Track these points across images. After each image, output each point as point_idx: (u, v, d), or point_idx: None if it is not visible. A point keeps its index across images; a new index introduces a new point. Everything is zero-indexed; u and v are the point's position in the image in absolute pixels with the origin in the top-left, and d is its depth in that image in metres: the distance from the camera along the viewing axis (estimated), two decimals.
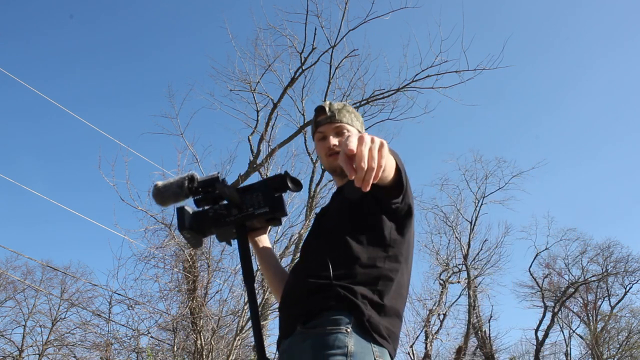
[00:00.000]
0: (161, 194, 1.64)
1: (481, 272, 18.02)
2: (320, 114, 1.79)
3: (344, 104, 1.81)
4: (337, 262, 1.52)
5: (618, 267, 21.54)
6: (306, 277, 1.55)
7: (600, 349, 20.82)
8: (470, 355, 18.41)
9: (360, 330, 1.41)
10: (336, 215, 1.66)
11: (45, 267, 16.07)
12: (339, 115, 1.76)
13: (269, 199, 1.65)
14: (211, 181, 1.67)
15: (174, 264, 8.12)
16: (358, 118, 1.83)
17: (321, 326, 1.43)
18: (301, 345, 1.44)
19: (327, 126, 1.76)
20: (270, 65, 10.30)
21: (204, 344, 7.32)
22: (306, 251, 1.69)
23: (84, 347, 15.36)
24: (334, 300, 1.45)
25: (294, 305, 1.55)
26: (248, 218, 1.65)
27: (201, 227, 1.65)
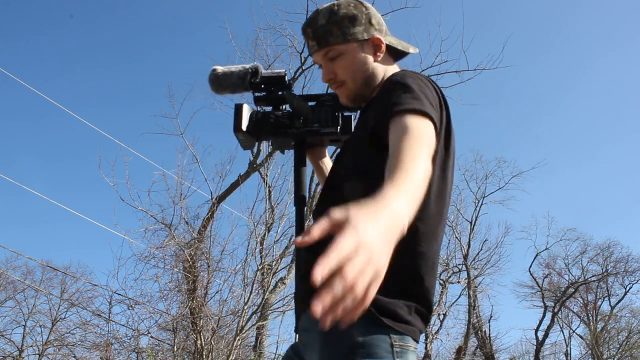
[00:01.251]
0: (219, 81, 1.54)
1: (481, 272, 18.04)
2: (306, 39, 1.43)
3: (330, 9, 1.39)
4: None
5: (618, 267, 21.55)
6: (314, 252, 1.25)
7: (600, 349, 20.82)
8: (470, 355, 18.42)
9: (367, 318, 1.04)
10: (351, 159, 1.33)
11: (45, 267, 16.08)
12: (325, 37, 1.36)
13: (338, 118, 1.50)
14: (277, 79, 1.55)
15: (174, 264, 8.13)
16: (355, 20, 1.38)
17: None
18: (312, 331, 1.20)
19: (316, 55, 1.40)
20: (270, 65, 10.29)
21: (204, 344, 7.32)
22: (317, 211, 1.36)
23: (84, 347, 15.37)
24: None
25: (304, 281, 1.26)
26: (312, 134, 1.51)
27: (259, 132, 1.52)
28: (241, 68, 1.53)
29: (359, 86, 1.38)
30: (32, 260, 18.28)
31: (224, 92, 1.54)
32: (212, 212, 8.34)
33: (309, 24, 1.40)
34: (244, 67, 1.54)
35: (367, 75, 1.37)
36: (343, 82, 1.38)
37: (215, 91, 1.53)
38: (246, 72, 1.52)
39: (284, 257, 8.53)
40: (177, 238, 7.77)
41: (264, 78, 1.53)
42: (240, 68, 1.53)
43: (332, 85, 1.41)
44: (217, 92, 1.54)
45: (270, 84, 1.54)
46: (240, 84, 1.52)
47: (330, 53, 1.37)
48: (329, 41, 1.36)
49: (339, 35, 1.36)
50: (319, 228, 0.67)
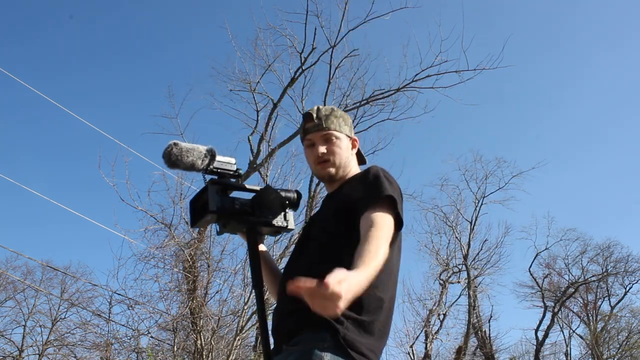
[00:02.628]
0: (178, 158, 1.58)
1: (481, 272, 18.01)
2: (308, 121, 1.76)
3: (332, 109, 1.80)
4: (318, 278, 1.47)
5: (618, 267, 21.56)
6: (287, 298, 1.49)
7: (600, 349, 20.82)
8: (470, 355, 18.42)
9: (337, 348, 1.44)
10: (321, 226, 1.68)
11: (45, 267, 16.09)
12: (327, 122, 1.74)
13: (286, 215, 1.75)
14: (230, 166, 1.68)
15: (174, 264, 8.13)
16: (347, 122, 1.81)
17: (301, 343, 1.48)
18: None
19: (315, 134, 1.75)
20: (270, 65, 10.27)
21: (204, 344, 7.33)
22: (291, 266, 1.70)
23: (84, 347, 15.37)
24: (312, 320, 1.43)
25: (279, 326, 1.61)
26: (266, 225, 1.69)
27: (227, 215, 1.63)
28: (200, 149, 1.60)
29: (338, 167, 1.75)
30: (32, 260, 18.29)
31: (178, 168, 1.59)
32: None
33: (314, 111, 1.78)
34: (202, 148, 1.61)
35: (345, 162, 1.77)
36: (329, 160, 1.74)
37: (170, 165, 1.58)
38: (205, 154, 1.60)
39: (283, 257, 8.53)
40: (177, 238, 7.77)
41: (218, 163, 1.65)
42: (200, 149, 1.60)
43: (320, 159, 1.73)
44: (172, 166, 1.58)
45: (222, 169, 1.66)
46: (198, 165, 1.60)
47: (327, 135, 1.74)
48: (330, 126, 1.75)
49: (337, 125, 1.76)
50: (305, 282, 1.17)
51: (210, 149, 1.62)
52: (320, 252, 1.60)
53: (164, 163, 1.57)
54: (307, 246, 1.68)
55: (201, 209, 1.64)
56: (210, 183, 1.63)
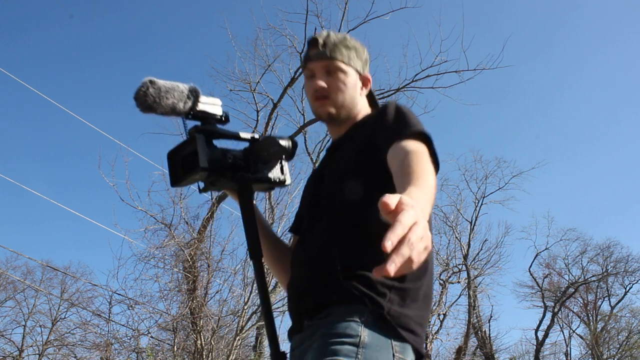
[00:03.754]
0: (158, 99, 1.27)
1: (481, 272, 18.02)
2: (312, 47, 1.47)
3: (344, 37, 1.49)
4: (345, 246, 1.27)
5: (618, 267, 21.56)
6: (308, 268, 1.33)
7: (600, 349, 20.82)
8: (470, 355, 18.41)
9: (378, 324, 1.18)
10: (338, 181, 1.36)
11: (45, 267, 16.07)
12: (333, 51, 1.44)
13: (282, 167, 1.47)
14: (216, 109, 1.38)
15: (174, 264, 8.13)
16: (360, 55, 1.49)
17: (332, 315, 1.21)
18: (311, 337, 1.24)
19: (317, 63, 1.45)
20: (270, 65, 10.29)
21: (204, 344, 7.32)
22: (303, 231, 1.42)
23: (84, 347, 15.36)
24: (345, 294, 1.21)
25: (299, 303, 1.34)
26: (262, 181, 1.42)
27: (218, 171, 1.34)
28: (183, 89, 1.31)
29: (341, 106, 1.45)
30: (32, 260, 18.30)
31: (155, 112, 1.30)
32: (212, 212, 8.34)
33: (321, 36, 1.47)
34: (184, 87, 1.32)
35: (350, 101, 1.46)
36: (329, 97, 1.44)
37: (146, 109, 1.27)
38: (188, 95, 1.32)
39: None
40: (177, 238, 7.77)
41: (202, 105, 1.36)
42: (183, 89, 1.31)
43: (318, 94, 1.45)
44: (146, 111, 1.28)
45: (208, 113, 1.38)
46: (180, 108, 1.31)
47: (332, 67, 1.44)
48: (336, 56, 1.44)
49: (345, 56, 1.45)
50: (390, 202, 0.81)
51: (194, 87, 1.33)
52: (339, 214, 1.32)
53: (136, 106, 1.28)
54: (320, 208, 1.38)
55: (184, 163, 1.36)
56: (197, 131, 1.33)
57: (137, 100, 1.27)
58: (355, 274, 1.22)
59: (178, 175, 1.38)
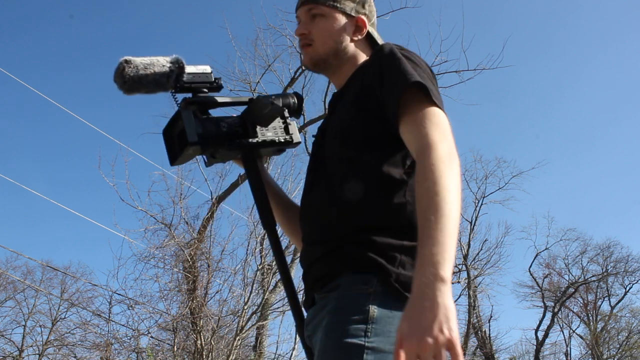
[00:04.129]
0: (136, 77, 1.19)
1: (481, 272, 18.02)
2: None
3: None
4: (346, 207, 1.18)
5: (618, 267, 21.54)
6: (313, 240, 1.26)
7: (600, 349, 20.81)
8: (470, 355, 18.41)
9: (387, 292, 1.09)
10: (337, 137, 1.27)
11: (45, 267, 16.06)
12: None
13: (287, 126, 1.38)
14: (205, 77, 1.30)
15: (174, 264, 8.13)
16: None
17: (340, 288, 1.13)
18: (321, 312, 1.17)
19: (301, 9, 1.36)
20: (270, 65, 10.30)
21: (204, 344, 7.32)
22: (308, 197, 1.32)
23: (84, 347, 15.35)
24: (351, 262, 1.14)
25: (307, 275, 1.26)
26: (265, 145, 1.34)
27: (214, 143, 1.27)
28: (163, 62, 1.23)
29: (326, 53, 1.34)
30: (32, 260, 18.26)
31: (139, 92, 1.23)
32: (212, 212, 8.34)
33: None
34: (165, 60, 1.23)
35: (337, 47, 1.34)
36: (312, 43, 1.34)
37: (128, 90, 1.21)
38: (170, 68, 1.23)
39: None
40: (177, 238, 7.77)
41: (189, 75, 1.27)
42: (163, 62, 1.22)
43: (301, 41, 1.36)
44: (130, 90, 1.21)
45: (197, 82, 1.29)
46: (164, 83, 1.23)
47: (314, 10, 1.34)
48: (319, 0, 1.33)
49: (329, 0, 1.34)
50: None
51: (176, 58, 1.24)
52: (338, 172, 1.23)
53: (118, 89, 1.21)
54: (323, 165, 1.29)
55: (179, 140, 1.29)
56: (184, 105, 1.27)
57: (117, 82, 1.21)
58: (361, 238, 1.15)
59: (173, 153, 1.32)
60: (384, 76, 1.19)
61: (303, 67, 1.50)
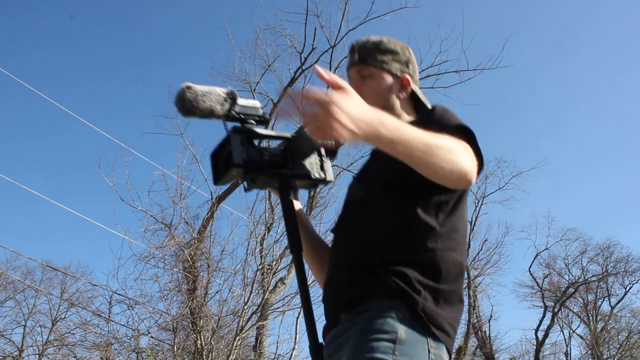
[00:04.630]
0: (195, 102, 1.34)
1: (481, 272, 18.04)
2: (350, 54, 1.55)
3: (381, 41, 1.53)
4: (383, 243, 1.32)
5: (618, 267, 21.56)
6: (347, 266, 1.37)
7: (600, 349, 20.82)
8: (470, 355, 18.42)
9: (414, 321, 1.22)
10: (377, 181, 1.41)
11: (45, 267, 16.07)
12: (364, 57, 1.51)
13: (323, 165, 1.49)
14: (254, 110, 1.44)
15: (174, 264, 8.13)
16: (399, 57, 1.52)
17: (369, 310, 1.25)
18: (347, 332, 1.27)
19: (352, 69, 1.54)
20: (270, 65, 10.29)
21: (204, 344, 7.33)
22: (342, 231, 1.46)
23: (84, 347, 15.36)
24: (382, 287, 1.26)
25: (337, 296, 1.37)
26: (301, 177, 1.45)
27: (255, 169, 1.39)
28: (218, 91, 1.38)
29: None
30: (32, 260, 18.28)
31: (195, 115, 1.37)
32: (212, 212, 8.35)
33: (358, 43, 1.55)
34: (220, 90, 1.39)
35: (385, 105, 1.46)
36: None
37: (185, 113, 1.35)
38: (225, 98, 1.39)
39: (284, 257, 8.53)
40: (177, 238, 7.77)
41: (241, 107, 1.42)
42: (218, 91, 1.38)
43: None
44: (188, 114, 1.36)
45: (246, 114, 1.43)
46: (218, 110, 1.37)
47: (364, 72, 1.50)
48: (367, 61, 1.50)
49: (377, 61, 1.50)
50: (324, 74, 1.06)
51: (231, 91, 1.41)
52: (378, 214, 1.37)
53: (177, 111, 1.35)
54: (362, 201, 1.43)
55: (224, 162, 1.42)
56: (233, 132, 1.41)
57: (176, 105, 1.34)
58: (393, 269, 1.27)
59: (217, 174, 1.44)
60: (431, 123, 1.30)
61: None
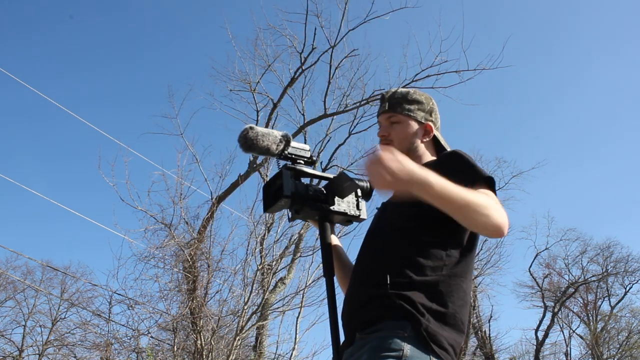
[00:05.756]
0: (255, 142, 1.58)
1: (481, 272, 18.01)
2: (380, 102, 1.79)
3: (408, 92, 1.78)
4: (396, 269, 1.49)
5: (618, 267, 21.56)
6: (363, 287, 1.55)
7: (600, 349, 20.81)
8: (470, 355, 18.41)
9: (418, 340, 1.40)
10: (395, 211, 1.63)
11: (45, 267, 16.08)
12: (394, 106, 1.74)
13: (359, 204, 1.75)
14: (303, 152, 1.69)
15: (174, 264, 8.12)
16: (423, 107, 1.76)
17: (379, 330, 1.43)
18: (360, 350, 1.44)
19: (382, 116, 1.77)
20: (270, 65, 10.29)
21: (204, 344, 7.32)
22: (363, 254, 1.66)
23: (84, 347, 15.35)
24: (391, 310, 1.44)
25: (353, 316, 1.55)
26: (339, 213, 1.68)
27: (300, 200, 1.62)
28: (277, 134, 1.62)
29: (401, 151, 1.63)
30: (32, 260, 18.31)
31: (254, 151, 1.61)
32: (212, 212, 8.34)
33: (388, 93, 1.79)
34: (278, 133, 1.63)
35: (410, 147, 1.71)
36: (391, 142, 1.72)
37: (246, 149, 1.58)
38: (281, 140, 1.62)
39: (284, 257, 8.53)
40: (177, 238, 7.76)
41: (293, 149, 1.66)
42: (276, 135, 1.62)
43: (382, 141, 1.74)
44: (248, 150, 1.59)
45: (297, 155, 1.68)
46: (273, 150, 1.61)
47: (393, 119, 1.74)
48: (396, 110, 1.74)
49: (405, 110, 1.74)
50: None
51: (285, 134, 1.64)
52: (395, 242, 1.56)
53: (239, 147, 1.58)
54: (381, 232, 1.65)
55: (274, 193, 1.63)
56: (285, 168, 1.63)
57: (239, 142, 1.58)
58: (402, 294, 1.45)
59: (267, 203, 1.65)
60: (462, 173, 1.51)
61: None
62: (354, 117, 10.32)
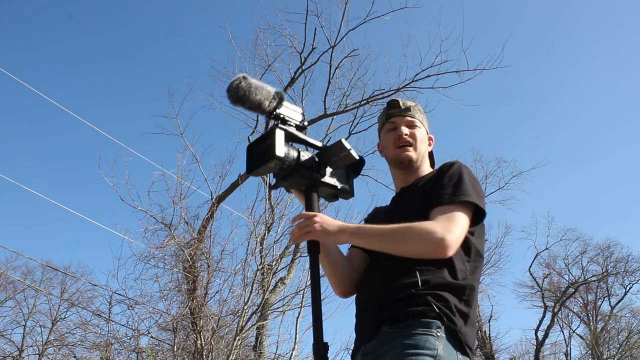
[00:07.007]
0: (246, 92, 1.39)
1: (481, 272, 17.99)
2: (393, 107, 1.84)
3: (415, 103, 1.88)
4: (422, 267, 1.52)
5: (618, 267, 21.55)
6: (392, 284, 1.54)
7: (600, 349, 20.81)
8: None
9: (450, 339, 1.43)
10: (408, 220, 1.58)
11: (45, 267, 16.08)
12: (412, 111, 1.83)
13: (349, 178, 1.62)
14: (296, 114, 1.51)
15: (174, 264, 8.12)
16: (426, 120, 1.88)
17: (412, 327, 1.43)
18: (389, 344, 1.44)
19: (400, 118, 1.82)
20: (270, 65, 10.29)
21: (204, 344, 7.32)
22: (381, 259, 1.61)
23: (84, 347, 15.35)
24: (425, 307, 1.46)
25: (380, 310, 1.52)
26: (328, 186, 1.56)
27: (290, 164, 1.47)
28: (270, 90, 1.44)
29: (420, 153, 1.81)
30: (32, 260, 18.31)
31: (244, 105, 1.42)
32: (212, 212, 8.34)
33: (400, 99, 1.85)
34: (272, 88, 1.45)
35: (423, 152, 1.82)
36: (411, 144, 1.78)
37: (235, 101, 1.40)
38: (274, 96, 1.45)
39: (284, 257, 8.53)
40: (177, 238, 7.76)
41: (285, 109, 1.49)
42: (270, 90, 1.44)
43: (403, 141, 1.77)
44: (237, 102, 1.41)
45: (288, 116, 1.50)
46: (265, 106, 1.44)
47: (411, 121, 1.82)
48: (416, 116, 1.83)
49: (421, 119, 1.85)
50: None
51: (279, 91, 1.47)
52: None
53: (228, 97, 1.40)
54: None
55: (262, 155, 1.45)
56: (278, 127, 1.45)
57: (229, 92, 1.39)
58: (439, 294, 1.48)
59: (252, 164, 1.47)
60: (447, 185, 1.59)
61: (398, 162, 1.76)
62: (354, 117, 10.32)
